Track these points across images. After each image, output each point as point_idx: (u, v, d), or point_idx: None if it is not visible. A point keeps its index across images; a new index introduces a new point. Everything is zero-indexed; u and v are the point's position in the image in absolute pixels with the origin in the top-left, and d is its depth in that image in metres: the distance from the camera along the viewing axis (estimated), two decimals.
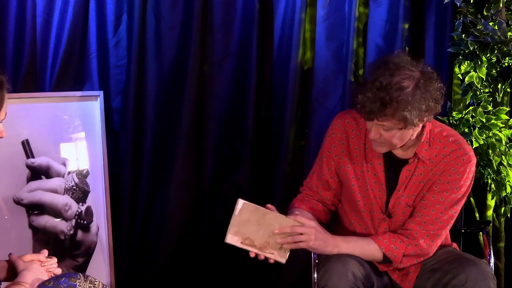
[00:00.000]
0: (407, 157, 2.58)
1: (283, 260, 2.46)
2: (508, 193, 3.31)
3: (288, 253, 2.46)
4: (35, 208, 3.10)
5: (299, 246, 2.46)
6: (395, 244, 2.53)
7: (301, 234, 2.44)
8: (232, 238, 2.42)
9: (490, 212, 3.39)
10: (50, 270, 2.24)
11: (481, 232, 3.00)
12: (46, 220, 3.12)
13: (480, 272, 2.44)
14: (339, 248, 2.51)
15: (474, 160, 2.57)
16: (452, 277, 2.46)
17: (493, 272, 2.58)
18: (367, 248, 2.54)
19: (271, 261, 2.46)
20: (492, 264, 2.73)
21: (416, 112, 2.37)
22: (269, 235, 2.42)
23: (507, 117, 3.28)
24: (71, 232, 3.17)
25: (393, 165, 2.60)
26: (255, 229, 2.41)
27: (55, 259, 2.28)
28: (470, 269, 2.45)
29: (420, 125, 2.48)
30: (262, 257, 2.45)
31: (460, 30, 3.33)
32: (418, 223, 2.55)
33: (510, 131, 3.27)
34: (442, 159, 2.55)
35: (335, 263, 2.46)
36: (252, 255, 2.44)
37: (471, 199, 3.35)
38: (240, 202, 2.42)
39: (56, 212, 3.14)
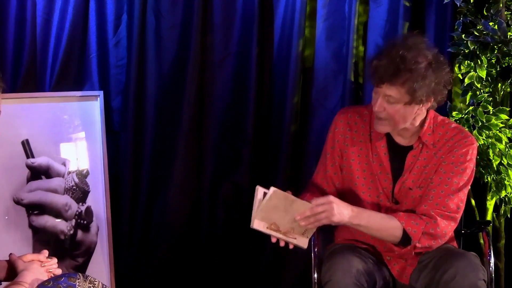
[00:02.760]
0: (410, 144, 2.63)
1: (304, 246, 2.50)
2: (508, 193, 3.31)
3: (310, 238, 2.51)
4: (35, 208, 3.10)
5: (322, 223, 2.47)
6: (415, 220, 2.53)
7: (322, 212, 2.45)
8: (259, 224, 2.46)
9: (490, 212, 3.39)
10: (50, 270, 2.24)
11: (481, 232, 2.99)
12: (46, 220, 3.12)
13: (468, 264, 2.46)
14: (359, 219, 2.50)
15: (475, 144, 2.64)
16: (442, 273, 2.48)
17: (492, 271, 2.59)
18: (387, 221, 2.53)
19: (291, 246, 2.49)
20: (492, 264, 2.73)
21: (425, 89, 2.46)
22: (294, 220, 2.45)
23: (507, 117, 3.28)
24: (71, 232, 3.17)
25: (398, 153, 2.64)
26: (282, 215, 2.44)
27: (55, 260, 2.27)
28: (458, 262, 2.47)
29: (423, 109, 2.54)
30: (282, 244, 2.48)
31: (460, 30, 3.33)
32: (430, 206, 2.56)
33: (510, 131, 3.27)
34: (446, 143, 2.61)
35: (339, 259, 2.49)
36: (273, 240, 2.47)
37: (471, 199, 3.35)
38: (271, 189, 2.43)
39: (56, 212, 3.14)
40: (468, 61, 3.32)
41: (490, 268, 2.67)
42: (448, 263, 2.49)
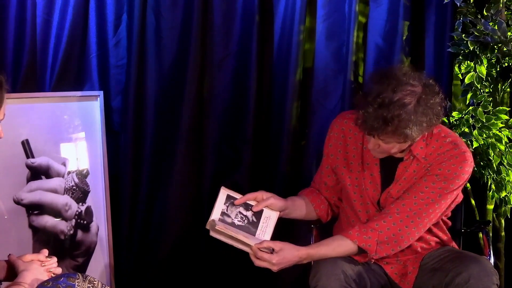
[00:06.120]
0: (402, 156, 2.60)
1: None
2: (508, 193, 3.31)
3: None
4: (35, 208, 3.09)
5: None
6: (367, 234, 2.53)
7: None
8: (214, 233, 2.58)
9: (490, 212, 3.40)
10: (51, 270, 2.24)
11: (481, 232, 3.00)
12: (46, 220, 3.12)
13: (482, 269, 2.45)
14: (310, 259, 2.53)
15: (470, 161, 2.55)
16: (454, 276, 2.46)
17: None
18: (340, 249, 2.54)
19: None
20: (491, 264, 2.73)
21: (417, 128, 2.39)
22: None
23: (507, 117, 3.28)
24: (71, 232, 3.17)
25: (389, 164, 2.62)
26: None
27: (55, 259, 2.28)
28: (472, 266, 2.45)
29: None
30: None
31: (460, 30, 3.33)
32: (397, 205, 2.55)
33: (510, 131, 3.27)
34: (437, 157, 2.56)
35: (325, 263, 2.49)
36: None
37: (471, 199, 3.36)
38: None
39: (56, 212, 3.14)
40: (468, 61, 3.33)
41: None
42: (460, 267, 2.47)
